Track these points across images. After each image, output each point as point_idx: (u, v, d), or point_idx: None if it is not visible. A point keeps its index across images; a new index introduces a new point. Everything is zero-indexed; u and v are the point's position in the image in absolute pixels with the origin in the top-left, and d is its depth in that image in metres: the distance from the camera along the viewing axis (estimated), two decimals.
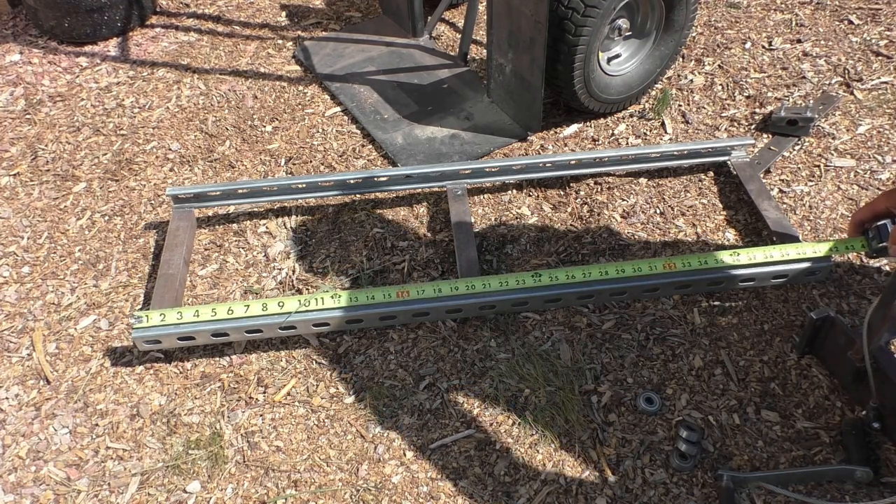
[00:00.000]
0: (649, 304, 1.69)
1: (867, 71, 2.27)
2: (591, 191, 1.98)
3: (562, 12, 1.85)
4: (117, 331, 1.72)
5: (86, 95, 2.43)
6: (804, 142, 2.07)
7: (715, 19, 2.55)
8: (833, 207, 1.88)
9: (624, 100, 2.17)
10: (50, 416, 1.57)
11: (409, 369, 1.61)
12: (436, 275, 1.79)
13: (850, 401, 1.49)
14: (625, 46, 2.14)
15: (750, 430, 1.46)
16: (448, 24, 2.68)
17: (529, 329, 1.66)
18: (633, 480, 1.40)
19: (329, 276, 1.81)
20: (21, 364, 1.67)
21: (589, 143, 2.14)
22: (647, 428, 1.48)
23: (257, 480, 1.44)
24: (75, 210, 2.04)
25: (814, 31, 2.46)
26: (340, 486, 1.43)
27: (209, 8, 2.86)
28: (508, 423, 1.50)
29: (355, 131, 2.24)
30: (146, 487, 1.44)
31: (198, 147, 2.22)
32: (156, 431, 1.53)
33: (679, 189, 1.98)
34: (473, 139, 2.15)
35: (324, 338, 1.67)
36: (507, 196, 1.99)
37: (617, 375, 1.57)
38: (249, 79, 2.47)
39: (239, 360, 1.65)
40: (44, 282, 1.84)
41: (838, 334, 1.46)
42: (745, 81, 2.28)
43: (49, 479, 1.46)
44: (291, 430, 1.52)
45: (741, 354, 1.59)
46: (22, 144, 2.25)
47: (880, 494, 1.34)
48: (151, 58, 2.59)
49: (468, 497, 1.39)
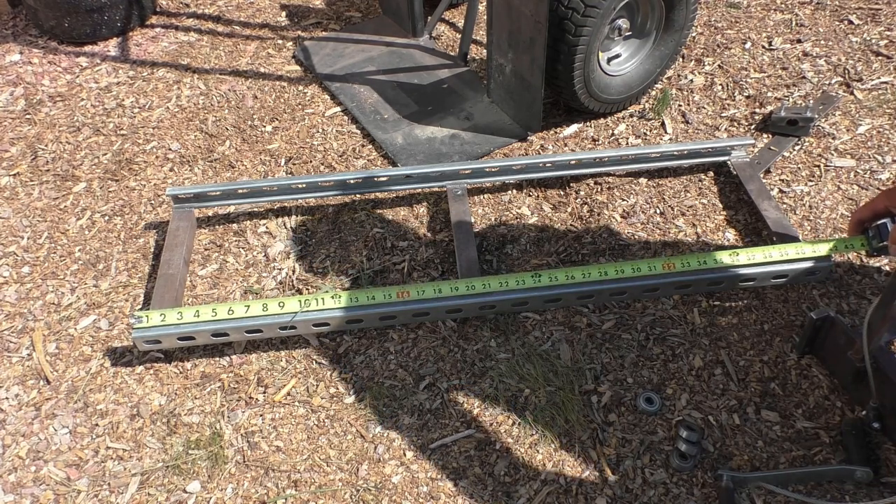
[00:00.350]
0: (649, 304, 1.69)
1: (867, 71, 2.27)
2: (591, 191, 1.98)
3: (562, 12, 1.85)
4: (117, 331, 1.72)
5: (86, 95, 2.43)
6: (804, 142, 2.07)
7: (715, 19, 2.55)
8: (833, 207, 1.88)
9: (624, 100, 2.17)
10: (50, 416, 1.57)
11: (409, 369, 1.61)
12: (436, 275, 1.79)
13: (850, 401, 1.49)
14: (625, 46, 2.14)
15: (750, 430, 1.46)
16: (448, 24, 2.68)
17: (529, 329, 1.66)
18: (633, 480, 1.40)
19: (329, 276, 1.81)
20: (21, 364, 1.67)
21: (589, 143, 2.14)
22: (647, 428, 1.48)
23: (257, 480, 1.44)
24: (75, 210, 2.04)
25: (814, 31, 2.46)
26: (340, 486, 1.43)
27: (209, 8, 2.86)
28: (508, 423, 1.50)
29: (355, 131, 2.24)
30: (146, 487, 1.44)
31: (198, 147, 2.22)
32: (156, 431, 1.53)
33: (679, 189, 1.98)
34: (473, 139, 2.15)
35: (324, 338, 1.68)
36: (507, 196, 1.99)
37: (617, 375, 1.57)
38: (249, 79, 2.47)
39: (239, 360, 1.65)
40: (44, 282, 1.84)
41: (838, 334, 1.46)
42: (745, 81, 2.28)
43: (49, 479, 1.46)
44: (291, 430, 1.52)
45: (741, 354, 1.59)
46: (22, 144, 2.25)
47: (880, 494, 1.34)
48: (151, 58, 2.59)
49: (468, 497, 1.39)
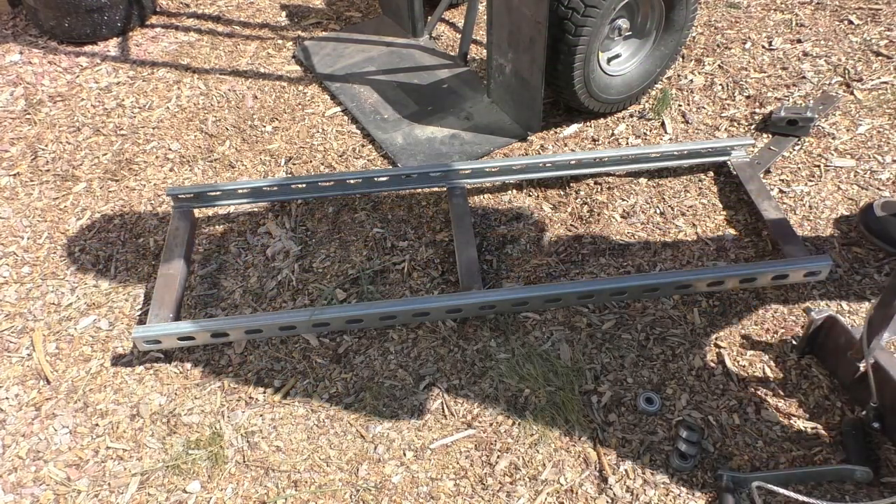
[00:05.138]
0: (649, 304, 1.69)
1: (867, 71, 2.27)
2: (591, 191, 1.98)
3: (562, 12, 1.85)
4: (117, 331, 1.72)
5: (86, 95, 2.43)
6: (804, 142, 2.07)
7: (715, 19, 2.55)
8: (833, 207, 1.88)
9: (624, 100, 2.17)
10: (50, 416, 1.57)
11: (409, 369, 1.61)
12: (436, 275, 1.79)
13: (850, 401, 1.49)
14: (625, 46, 2.14)
15: (750, 430, 1.46)
16: (448, 24, 2.68)
17: (529, 329, 1.66)
18: (633, 480, 1.40)
19: (329, 276, 1.81)
20: (21, 364, 1.67)
21: (589, 143, 2.14)
22: (647, 428, 1.48)
23: (257, 480, 1.44)
24: (75, 210, 2.03)
25: (814, 31, 2.45)
26: (340, 486, 1.43)
27: (209, 8, 2.86)
28: (508, 423, 1.50)
29: (355, 131, 2.24)
30: (146, 487, 1.44)
31: (198, 147, 2.21)
32: (156, 431, 1.53)
33: (679, 189, 1.98)
34: (473, 139, 2.15)
35: (324, 338, 1.67)
36: (507, 196, 1.98)
37: (617, 375, 1.57)
38: (249, 79, 2.47)
39: (239, 360, 1.65)
40: (44, 282, 1.84)
41: (838, 334, 1.46)
42: (745, 81, 2.28)
43: (49, 479, 1.46)
44: (291, 430, 1.52)
45: (741, 354, 1.59)
46: (22, 144, 2.25)
47: (880, 494, 1.34)
48: (151, 58, 2.59)
49: (468, 497, 1.39)
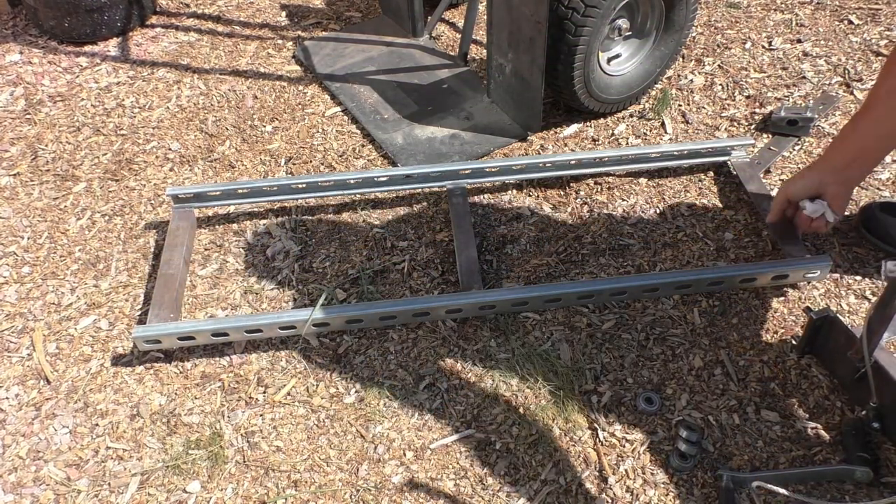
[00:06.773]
0: (649, 304, 1.69)
1: (867, 71, 2.27)
2: (591, 191, 1.98)
3: (562, 12, 1.85)
4: (117, 331, 1.72)
5: (86, 95, 2.43)
6: (804, 142, 2.07)
7: (715, 19, 2.55)
8: None
9: (624, 100, 2.17)
10: (50, 416, 1.57)
11: (409, 369, 1.61)
12: (436, 275, 1.79)
13: (850, 401, 1.49)
14: (625, 46, 2.14)
15: (750, 430, 1.46)
16: (448, 24, 2.68)
17: (529, 329, 1.66)
18: (633, 480, 1.40)
19: (329, 276, 1.81)
20: (21, 364, 1.67)
21: (589, 143, 2.14)
22: (647, 428, 1.48)
23: (257, 480, 1.44)
24: (75, 210, 2.03)
25: (814, 31, 2.45)
26: (340, 486, 1.43)
27: (209, 8, 2.86)
28: (508, 423, 1.50)
29: (355, 131, 2.24)
30: (146, 487, 1.44)
31: (198, 147, 2.21)
32: (156, 431, 1.53)
33: (679, 189, 1.98)
34: (473, 139, 2.15)
35: (324, 338, 1.67)
36: (507, 196, 1.98)
37: (617, 375, 1.57)
38: (249, 79, 2.47)
39: (239, 360, 1.65)
40: (44, 282, 1.84)
41: (838, 334, 1.46)
42: (745, 81, 2.28)
43: (49, 479, 1.46)
44: (291, 430, 1.52)
45: (741, 354, 1.59)
46: (22, 144, 2.25)
47: (880, 494, 1.34)
48: (151, 58, 2.59)
49: (468, 497, 1.39)
